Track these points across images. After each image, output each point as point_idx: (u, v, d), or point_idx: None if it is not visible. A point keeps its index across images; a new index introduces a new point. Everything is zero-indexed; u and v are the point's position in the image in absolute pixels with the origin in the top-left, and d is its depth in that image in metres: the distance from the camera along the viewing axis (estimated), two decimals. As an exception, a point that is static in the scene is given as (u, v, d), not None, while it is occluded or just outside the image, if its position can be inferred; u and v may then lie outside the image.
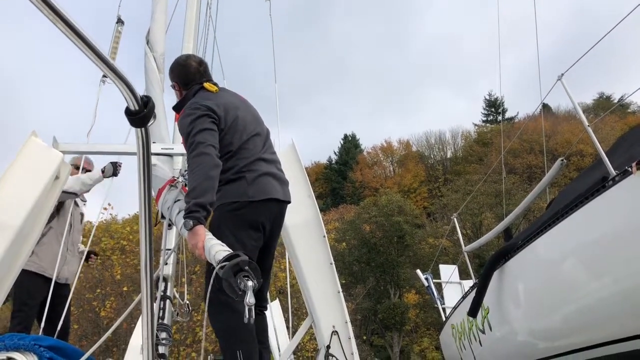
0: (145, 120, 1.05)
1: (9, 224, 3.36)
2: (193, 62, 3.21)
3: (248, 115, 3.14)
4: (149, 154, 1.11)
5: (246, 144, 3.00)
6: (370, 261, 35.71)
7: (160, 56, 4.25)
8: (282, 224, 3.16)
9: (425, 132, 57.95)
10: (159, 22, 4.37)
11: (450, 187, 42.08)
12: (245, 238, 2.87)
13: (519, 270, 4.08)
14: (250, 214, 2.89)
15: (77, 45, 0.89)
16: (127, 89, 1.00)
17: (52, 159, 3.63)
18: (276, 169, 3.13)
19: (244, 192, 2.88)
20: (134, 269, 23.02)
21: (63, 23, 0.85)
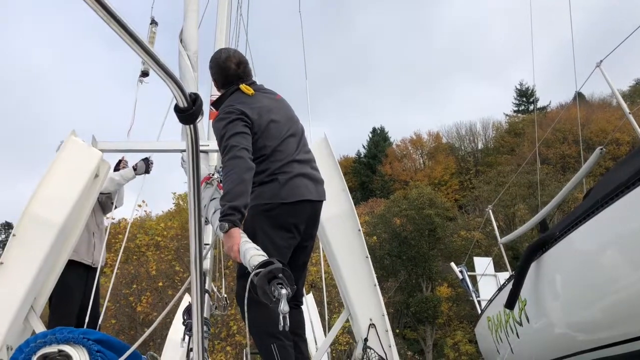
0: (194, 117, 1.07)
1: (52, 222, 3.46)
2: (232, 64, 3.21)
3: (282, 116, 3.17)
4: (198, 150, 1.13)
5: (280, 146, 3.04)
6: (402, 255, 35.55)
7: (193, 54, 4.33)
8: (317, 222, 3.18)
9: (455, 124, 57.22)
10: (192, 21, 4.45)
11: (482, 178, 41.58)
12: (278, 238, 2.92)
13: (557, 262, 4.01)
14: (283, 215, 2.93)
15: (130, 46, 0.92)
16: (176, 87, 1.03)
17: (91, 157, 3.72)
18: (310, 168, 3.16)
19: (277, 193, 2.93)
20: (169, 265, 23.43)
21: (116, 23, 0.88)
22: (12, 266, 3.32)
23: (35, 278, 3.34)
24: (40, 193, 3.52)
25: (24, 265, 3.33)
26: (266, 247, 2.60)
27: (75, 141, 3.75)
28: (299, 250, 3.11)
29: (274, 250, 2.82)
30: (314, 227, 3.19)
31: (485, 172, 43.88)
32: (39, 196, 3.50)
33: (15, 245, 3.38)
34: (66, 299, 4.30)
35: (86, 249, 4.59)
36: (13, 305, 3.20)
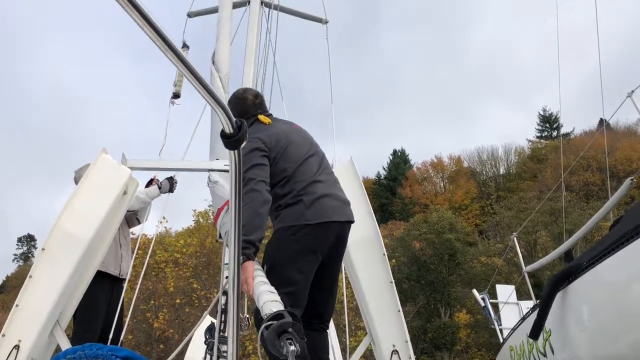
0: (239, 143, 1.10)
1: (80, 237, 3.51)
2: (249, 96, 3.34)
3: (300, 139, 3.22)
4: (241, 174, 1.16)
5: (301, 166, 3.06)
6: (420, 279, 35.18)
7: (225, 76, 4.44)
8: (345, 244, 3.14)
9: (477, 148, 56.90)
10: (224, 44, 4.55)
11: (503, 204, 41.15)
12: (302, 263, 2.90)
13: (583, 293, 3.94)
14: (308, 237, 2.91)
15: (183, 73, 0.94)
16: (224, 113, 1.05)
17: (121, 175, 3.78)
18: (336, 188, 3.16)
19: (302, 214, 2.91)
20: (187, 282, 23.48)
21: (172, 52, 0.90)
22: (41, 280, 3.37)
23: (62, 293, 3.38)
24: (70, 209, 3.58)
25: (51, 279, 3.38)
26: (289, 275, 2.73)
27: (106, 159, 3.82)
28: (325, 271, 3.07)
29: (297, 276, 2.84)
30: (342, 249, 3.16)
31: (506, 197, 43.43)
32: (69, 212, 3.56)
33: (44, 259, 3.43)
34: (91, 312, 4.33)
35: (113, 260, 4.64)
36: (40, 319, 3.24)
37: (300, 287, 2.88)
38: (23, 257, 75.21)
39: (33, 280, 3.36)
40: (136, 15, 0.85)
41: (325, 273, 3.07)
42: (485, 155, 56.20)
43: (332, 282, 3.17)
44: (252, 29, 4.83)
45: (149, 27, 0.87)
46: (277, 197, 2.98)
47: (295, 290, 2.84)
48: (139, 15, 0.85)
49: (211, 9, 5.77)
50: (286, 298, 2.73)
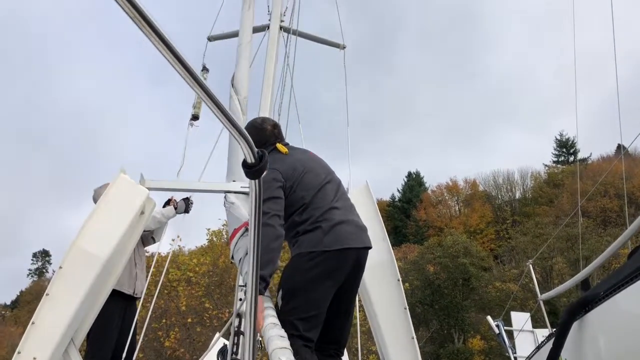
0: (260, 173, 1.12)
1: (97, 257, 3.54)
2: (268, 126, 3.42)
3: (317, 166, 3.28)
4: (261, 203, 1.17)
5: (318, 193, 3.10)
6: (434, 303, 34.81)
7: (244, 99, 4.53)
8: (362, 270, 3.14)
9: (493, 172, 56.60)
10: (243, 68, 4.65)
11: (519, 229, 40.78)
12: (318, 288, 2.91)
13: (600, 323, 3.88)
14: (326, 263, 2.92)
15: (210, 108, 0.97)
16: (246, 144, 1.08)
17: (139, 195, 3.82)
18: (352, 215, 3.19)
19: (320, 241, 2.93)
20: (199, 301, 23.45)
21: (199, 87, 0.93)
22: (57, 298, 3.39)
23: (77, 311, 3.40)
24: (88, 228, 3.62)
25: (68, 298, 3.40)
26: (306, 300, 2.80)
27: (124, 179, 3.87)
28: (342, 297, 3.06)
29: (314, 301, 2.87)
30: (359, 275, 3.15)
31: (522, 222, 43.04)
32: (87, 231, 3.59)
33: (61, 277, 3.47)
34: (105, 331, 4.34)
35: (128, 279, 4.67)
36: (55, 337, 3.26)
37: (316, 313, 2.89)
38: (37, 273, 75.72)
39: (50, 298, 3.39)
40: (168, 54, 0.87)
41: (342, 299, 3.07)
42: (501, 179, 55.93)
43: (349, 308, 3.16)
44: (270, 54, 4.91)
45: (176, 61, 0.90)
46: (295, 224, 3.03)
47: (311, 316, 2.86)
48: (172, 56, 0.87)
49: (231, 33, 5.88)
50: (301, 323, 2.77)
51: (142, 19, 0.82)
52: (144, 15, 0.82)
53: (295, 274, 2.95)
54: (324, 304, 2.93)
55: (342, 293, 3.04)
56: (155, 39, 0.86)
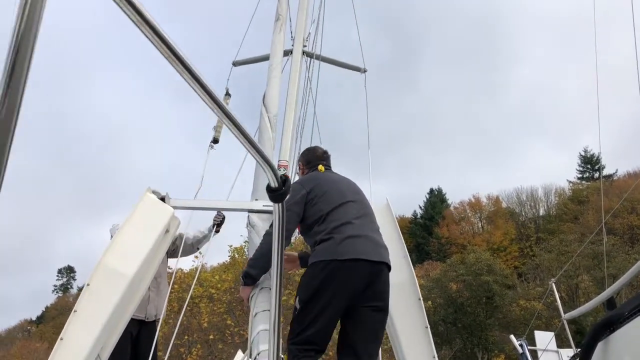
0: (283, 197, 1.18)
1: (123, 273, 3.62)
2: (319, 150, 3.91)
3: (345, 186, 3.49)
4: (284, 226, 1.23)
5: (338, 208, 3.25)
6: (457, 322, 34.37)
7: (273, 117, 4.74)
8: (382, 285, 3.12)
9: (516, 189, 56.01)
10: (274, 87, 4.89)
11: (543, 246, 40.16)
12: (330, 295, 2.98)
13: (626, 343, 3.83)
14: (337, 272, 3.00)
15: (235, 136, 1.03)
16: (270, 170, 1.13)
17: (164, 213, 3.90)
18: (371, 231, 3.26)
19: (334, 250, 3.03)
20: (220, 318, 23.51)
21: (227, 118, 0.99)
22: (84, 315, 3.47)
23: (104, 328, 3.47)
24: (115, 245, 3.70)
25: (95, 314, 3.47)
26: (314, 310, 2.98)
27: (150, 197, 3.96)
28: (361, 311, 3.07)
29: (323, 309, 2.98)
30: (378, 290, 3.11)
31: (546, 239, 42.39)
32: (114, 248, 3.68)
33: (88, 294, 3.54)
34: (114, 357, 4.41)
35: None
36: (82, 353, 3.32)
37: (325, 319, 3.00)
38: (62, 289, 76.74)
39: (77, 314, 3.46)
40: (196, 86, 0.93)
41: (365, 314, 3.07)
42: (525, 195, 55.31)
43: (375, 326, 3.11)
44: (293, 77, 5.11)
45: (203, 92, 0.96)
46: (315, 234, 3.22)
47: (318, 321, 2.99)
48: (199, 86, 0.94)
49: (256, 58, 6.10)
50: (309, 328, 2.96)
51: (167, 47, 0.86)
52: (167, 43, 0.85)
53: (308, 281, 3.10)
54: (334, 312, 3.01)
55: (361, 307, 3.06)
56: (182, 69, 0.91)
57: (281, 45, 5.30)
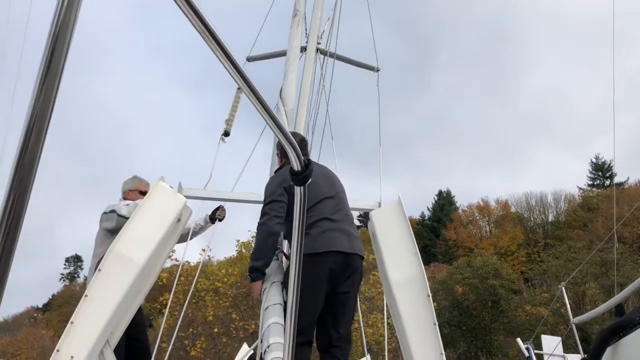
0: (306, 180, 1.20)
1: (135, 261, 3.65)
2: (296, 139, 3.80)
3: (323, 182, 3.65)
4: (305, 210, 1.24)
5: (317, 205, 3.48)
6: (462, 325, 34.28)
7: (290, 110, 4.80)
8: (355, 275, 3.48)
9: (525, 193, 55.65)
10: (291, 82, 4.97)
11: (551, 252, 39.93)
12: (312, 286, 3.22)
13: (634, 350, 3.81)
14: (316, 264, 3.27)
15: (261, 114, 1.04)
16: (294, 153, 1.14)
17: (176, 203, 3.93)
18: (346, 225, 3.56)
19: (311, 245, 3.25)
20: (226, 312, 23.59)
21: (255, 98, 1.00)
22: (95, 299, 3.50)
23: (114, 313, 3.49)
24: (127, 232, 3.73)
25: (105, 300, 3.50)
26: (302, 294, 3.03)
27: (163, 186, 3.98)
28: (335, 298, 3.42)
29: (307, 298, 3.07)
30: (350, 281, 3.47)
31: (554, 245, 42.15)
32: (126, 235, 3.70)
33: (99, 279, 3.57)
34: None
35: None
36: (92, 337, 3.35)
37: (306, 310, 3.11)
38: (69, 277, 77.28)
39: (88, 299, 3.49)
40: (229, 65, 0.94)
41: (335, 300, 3.43)
42: (534, 201, 54.96)
43: (342, 309, 3.47)
44: (307, 74, 5.18)
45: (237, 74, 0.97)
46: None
47: (304, 317, 3.09)
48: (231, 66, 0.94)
49: (271, 54, 6.14)
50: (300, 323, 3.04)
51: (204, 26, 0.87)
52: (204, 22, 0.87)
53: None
54: (317, 301, 3.32)
55: (337, 298, 3.42)
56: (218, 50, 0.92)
57: (298, 40, 5.37)
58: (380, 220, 4.05)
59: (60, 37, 0.69)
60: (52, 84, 0.70)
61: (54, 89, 0.70)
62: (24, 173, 0.69)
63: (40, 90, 0.69)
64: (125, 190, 5.00)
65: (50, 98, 0.70)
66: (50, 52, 0.69)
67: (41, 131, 0.70)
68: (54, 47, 0.69)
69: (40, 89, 0.69)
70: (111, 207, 4.78)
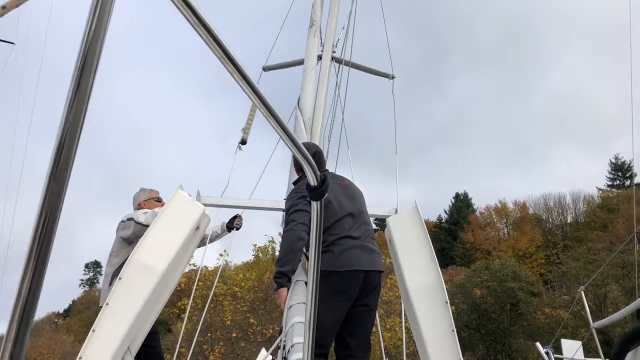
0: (322, 195, 1.22)
1: (155, 268, 3.69)
2: (310, 152, 3.78)
3: (343, 198, 3.68)
4: (322, 223, 1.26)
5: (338, 222, 3.54)
6: (480, 328, 34.01)
7: (308, 120, 4.87)
8: (375, 291, 3.57)
9: (543, 195, 55.10)
10: (308, 92, 5.01)
11: (570, 254, 39.48)
12: (333, 302, 3.30)
13: (656, 354, 3.78)
14: (338, 282, 3.34)
15: (275, 129, 1.06)
16: (310, 168, 1.17)
17: (195, 211, 3.97)
18: (366, 241, 3.60)
19: (332, 263, 3.34)
20: (244, 316, 23.65)
21: (268, 111, 1.02)
22: (116, 307, 3.55)
23: (135, 320, 3.54)
24: (147, 241, 3.77)
25: (126, 307, 3.55)
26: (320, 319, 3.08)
27: (182, 195, 4.03)
28: (355, 312, 3.47)
29: (327, 313, 3.18)
30: (371, 296, 3.56)
31: (574, 247, 41.66)
32: (146, 243, 3.75)
33: (120, 288, 3.62)
34: None
35: None
36: (114, 345, 3.40)
37: (326, 325, 3.24)
38: (89, 283, 78.12)
39: (109, 307, 3.54)
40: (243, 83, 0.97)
41: (355, 313, 3.47)
42: (552, 202, 54.40)
43: (361, 321, 3.53)
44: (322, 82, 5.20)
45: (252, 92, 1.00)
46: None
47: (323, 331, 3.15)
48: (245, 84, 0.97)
49: (288, 63, 6.20)
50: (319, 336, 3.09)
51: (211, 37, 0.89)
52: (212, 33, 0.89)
53: None
54: (335, 318, 3.37)
55: (356, 310, 3.47)
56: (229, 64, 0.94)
57: (315, 50, 5.44)
58: (398, 226, 4.05)
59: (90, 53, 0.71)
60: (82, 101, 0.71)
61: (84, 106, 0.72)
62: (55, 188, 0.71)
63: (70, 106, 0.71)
64: (140, 202, 5.07)
65: (81, 113, 0.72)
66: (80, 67, 0.71)
67: (72, 146, 0.72)
68: (84, 63, 0.71)
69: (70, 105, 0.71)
70: (129, 216, 4.86)
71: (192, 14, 0.84)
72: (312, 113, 4.85)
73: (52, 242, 0.68)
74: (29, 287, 0.66)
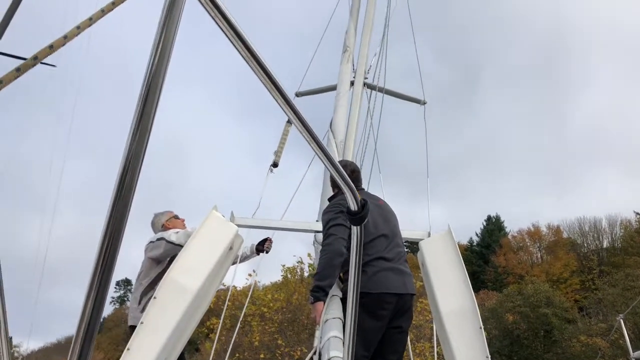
0: (362, 220, 1.24)
1: (189, 288, 3.75)
2: (347, 170, 3.80)
3: (378, 218, 3.68)
4: (362, 247, 1.28)
5: (372, 242, 3.53)
6: (513, 355, 33.18)
7: (340, 142, 4.96)
8: (407, 314, 3.58)
9: (578, 218, 53.81)
10: (341, 115, 5.13)
11: (607, 280, 38.35)
12: (366, 322, 3.27)
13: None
14: (370, 304, 3.31)
15: (318, 156, 1.09)
16: (351, 194, 1.19)
17: (229, 231, 4.03)
18: (399, 263, 3.60)
19: (365, 285, 3.27)
20: (271, 337, 23.58)
21: (316, 144, 1.06)
22: (151, 326, 3.60)
23: (168, 339, 3.59)
24: (182, 261, 3.84)
25: (160, 326, 3.60)
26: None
27: (216, 215, 4.10)
28: (390, 333, 3.48)
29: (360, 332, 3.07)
30: (403, 319, 3.55)
31: (610, 273, 40.48)
32: (180, 263, 3.82)
33: (155, 307, 3.68)
34: None
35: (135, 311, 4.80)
36: (149, 363, 3.45)
37: (361, 349, 3.25)
38: (119, 301, 79.07)
39: (144, 326, 3.60)
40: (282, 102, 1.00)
41: (387, 334, 3.48)
42: (587, 226, 53.08)
43: (396, 343, 3.55)
44: (354, 107, 5.31)
45: (289, 109, 1.02)
46: (347, 263, 3.40)
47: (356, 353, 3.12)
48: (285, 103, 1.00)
49: (321, 89, 6.31)
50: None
51: (256, 61, 0.92)
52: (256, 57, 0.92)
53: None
54: (367, 341, 3.34)
55: (388, 332, 3.47)
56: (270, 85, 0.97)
57: (348, 75, 5.55)
58: (430, 250, 4.03)
59: (153, 83, 0.75)
60: (145, 128, 0.75)
61: (147, 133, 0.76)
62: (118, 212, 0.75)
63: (135, 132, 0.75)
64: (163, 223, 5.12)
65: (144, 140, 0.76)
66: (144, 96, 0.75)
67: (135, 171, 0.76)
68: (147, 92, 0.75)
69: (135, 131, 0.75)
70: (158, 236, 4.91)
71: (239, 39, 0.87)
72: (344, 136, 4.92)
73: (114, 263, 0.72)
74: (92, 306, 0.69)
